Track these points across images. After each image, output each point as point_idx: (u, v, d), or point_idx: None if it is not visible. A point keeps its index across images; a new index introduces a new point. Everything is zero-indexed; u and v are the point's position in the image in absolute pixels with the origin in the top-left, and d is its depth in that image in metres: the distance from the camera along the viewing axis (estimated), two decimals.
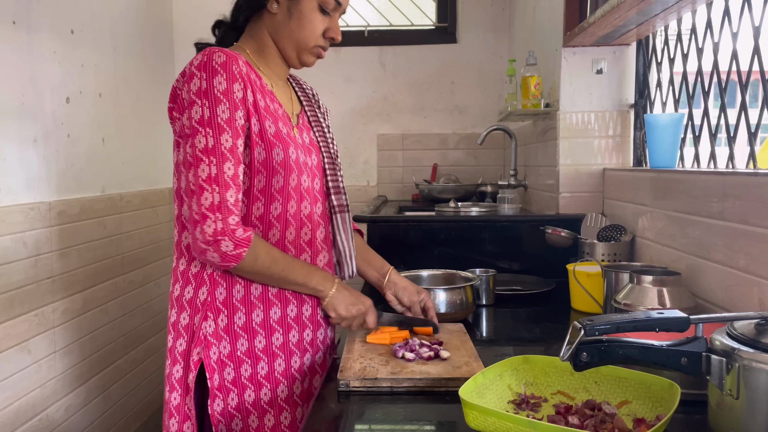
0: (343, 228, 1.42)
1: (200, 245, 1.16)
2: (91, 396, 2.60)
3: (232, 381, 1.26)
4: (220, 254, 1.16)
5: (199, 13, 3.44)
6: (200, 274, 1.27)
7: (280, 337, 1.30)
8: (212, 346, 1.25)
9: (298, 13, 1.29)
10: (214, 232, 1.15)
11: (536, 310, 1.74)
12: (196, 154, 1.17)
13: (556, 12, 2.25)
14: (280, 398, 1.30)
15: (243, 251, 1.17)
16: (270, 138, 1.24)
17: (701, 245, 1.40)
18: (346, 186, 3.53)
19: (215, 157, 1.16)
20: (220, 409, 1.25)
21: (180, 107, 1.21)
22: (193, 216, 1.17)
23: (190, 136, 1.18)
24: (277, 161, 1.24)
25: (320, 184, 1.39)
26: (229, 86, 1.18)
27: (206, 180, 1.16)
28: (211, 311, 1.26)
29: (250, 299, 1.27)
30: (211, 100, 1.17)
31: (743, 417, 0.80)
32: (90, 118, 2.64)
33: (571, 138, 2.15)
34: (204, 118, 1.17)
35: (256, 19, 1.34)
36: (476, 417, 0.86)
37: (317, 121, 1.45)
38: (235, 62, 1.20)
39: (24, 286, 2.18)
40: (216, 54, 1.19)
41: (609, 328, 0.84)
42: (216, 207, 1.15)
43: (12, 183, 2.14)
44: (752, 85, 1.52)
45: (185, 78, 1.20)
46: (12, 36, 2.15)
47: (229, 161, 1.18)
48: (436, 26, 3.59)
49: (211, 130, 1.17)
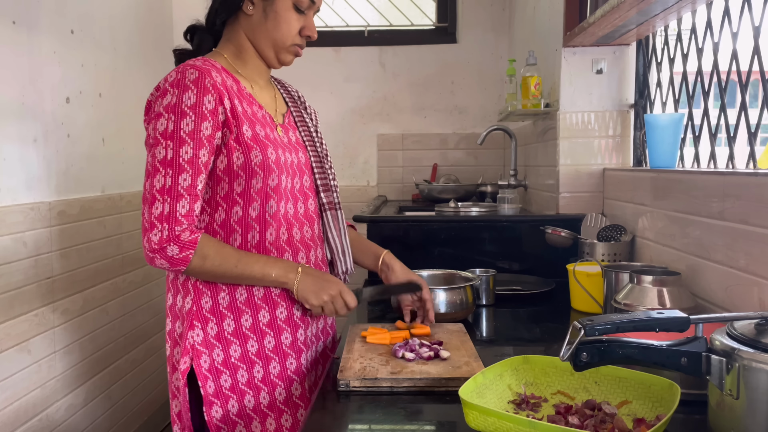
0: (334, 225, 1.42)
1: (147, 253, 1.20)
2: (92, 396, 2.60)
3: (230, 387, 1.27)
4: (167, 259, 1.19)
5: (199, 13, 3.43)
6: (185, 284, 1.29)
7: (272, 340, 1.30)
8: (202, 354, 1.26)
9: (274, 13, 1.30)
10: (160, 239, 1.18)
11: (536, 310, 1.74)
12: (155, 165, 1.20)
13: (556, 12, 2.25)
14: (279, 401, 1.30)
15: (189, 253, 1.19)
16: (247, 141, 1.25)
17: (701, 245, 1.40)
18: (346, 186, 3.57)
19: (171, 168, 1.19)
20: (220, 416, 1.26)
21: (149, 120, 1.24)
22: (144, 224, 1.20)
23: (152, 146, 1.21)
24: (256, 163, 1.25)
25: (309, 181, 1.40)
26: (198, 99, 1.20)
27: (159, 190, 1.19)
28: (198, 320, 1.27)
29: (236, 305, 1.28)
30: (177, 114, 1.19)
31: (743, 417, 0.80)
32: (90, 118, 2.64)
33: (571, 138, 2.15)
34: (167, 131, 1.19)
35: (232, 22, 1.35)
36: (476, 417, 0.86)
37: (303, 121, 1.46)
38: (208, 75, 1.22)
39: (24, 286, 2.18)
40: (189, 71, 1.21)
41: (609, 328, 0.84)
42: (165, 217, 1.18)
43: (12, 183, 2.14)
44: (752, 85, 1.52)
45: (159, 93, 1.23)
46: (12, 36, 2.15)
47: (186, 172, 1.19)
48: (436, 26, 3.59)
49: (171, 142, 1.19)
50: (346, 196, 3.51)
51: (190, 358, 1.25)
